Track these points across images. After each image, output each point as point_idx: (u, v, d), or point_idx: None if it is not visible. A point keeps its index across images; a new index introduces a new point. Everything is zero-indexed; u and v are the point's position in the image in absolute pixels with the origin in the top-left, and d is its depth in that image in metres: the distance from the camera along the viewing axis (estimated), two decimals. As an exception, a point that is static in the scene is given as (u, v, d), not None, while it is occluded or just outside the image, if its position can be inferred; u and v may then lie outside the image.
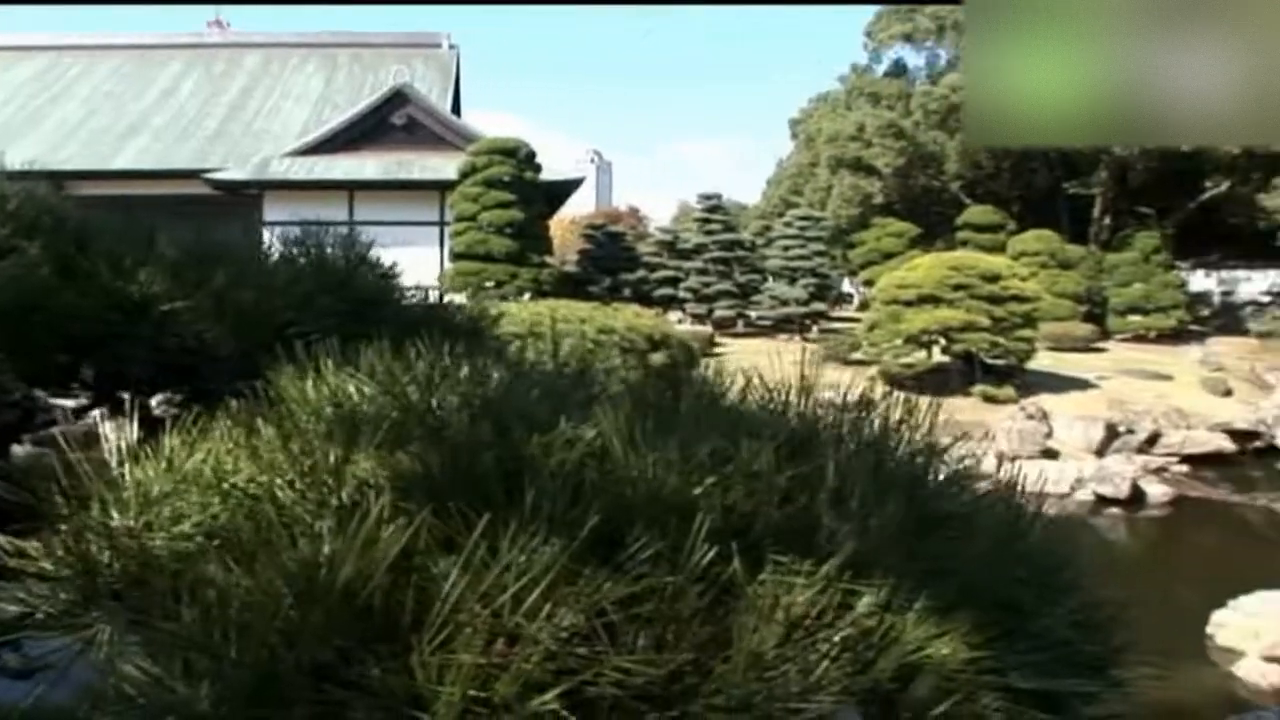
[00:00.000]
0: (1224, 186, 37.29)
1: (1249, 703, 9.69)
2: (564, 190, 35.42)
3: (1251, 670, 11.09)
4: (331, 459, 1.61)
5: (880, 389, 2.13)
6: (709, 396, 1.92)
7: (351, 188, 33.59)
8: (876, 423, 1.88)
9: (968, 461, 2.08)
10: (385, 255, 3.52)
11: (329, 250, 3.29)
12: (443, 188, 32.76)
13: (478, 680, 1.30)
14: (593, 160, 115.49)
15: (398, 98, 35.34)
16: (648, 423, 1.66)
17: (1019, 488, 2.04)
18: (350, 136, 34.75)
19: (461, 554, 1.38)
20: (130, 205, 4.34)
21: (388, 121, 35.06)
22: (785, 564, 1.44)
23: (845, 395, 1.93)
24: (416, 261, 28.92)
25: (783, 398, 1.93)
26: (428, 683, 1.30)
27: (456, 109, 39.78)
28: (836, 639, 1.41)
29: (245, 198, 32.63)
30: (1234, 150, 33.39)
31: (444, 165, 32.47)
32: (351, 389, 1.85)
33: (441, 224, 33.54)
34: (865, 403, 1.91)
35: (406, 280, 3.69)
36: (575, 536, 1.39)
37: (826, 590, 1.44)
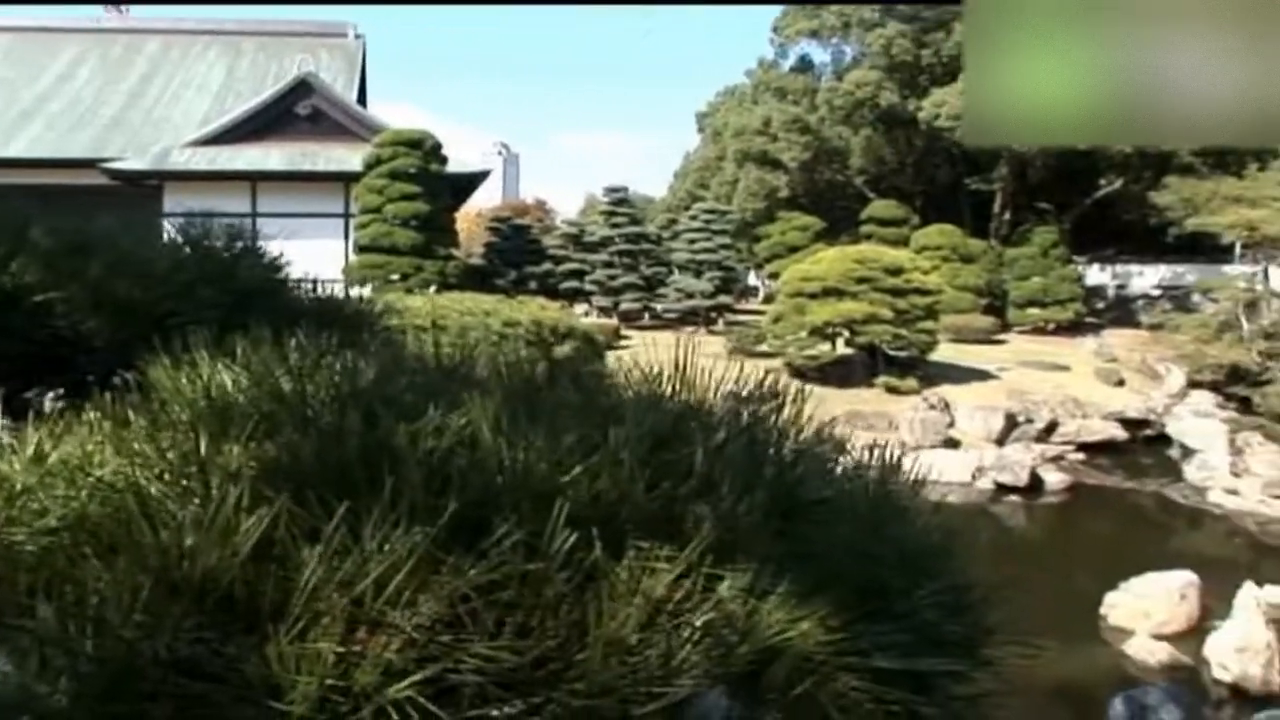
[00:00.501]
0: (1117, 184, 38.19)
1: (1138, 680, 9.96)
2: (470, 183, 35.18)
3: (1141, 649, 11.42)
4: (202, 450, 1.59)
5: (785, 380, 2.15)
6: (585, 386, 1.91)
7: (255, 179, 32.93)
8: (751, 412, 1.90)
9: (869, 451, 2.10)
10: (289, 247, 3.48)
11: (215, 241, 3.25)
12: (348, 179, 32.29)
13: (338, 669, 1.30)
14: (499, 153, 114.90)
15: (302, 87, 34.70)
16: (520, 411, 1.66)
17: (898, 475, 2.05)
18: (254, 126, 34.06)
19: (321, 542, 1.37)
20: (24, 194, 4.21)
21: (292, 112, 34.44)
22: (647, 550, 1.45)
23: (721, 385, 1.94)
24: (321, 254, 28.55)
25: (662, 388, 1.94)
26: (285, 672, 1.29)
27: (362, 100, 39.24)
28: (699, 623, 1.42)
29: (145, 188, 31.82)
30: (1126, 149, 34.21)
31: (349, 157, 32.00)
32: (226, 380, 1.84)
33: (347, 216, 33.03)
34: (744, 393, 1.93)
35: (311, 273, 3.65)
36: (438, 524, 1.39)
37: (689, 575, 1.45)
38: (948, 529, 2.06)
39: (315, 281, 3.52)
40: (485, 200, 67.29)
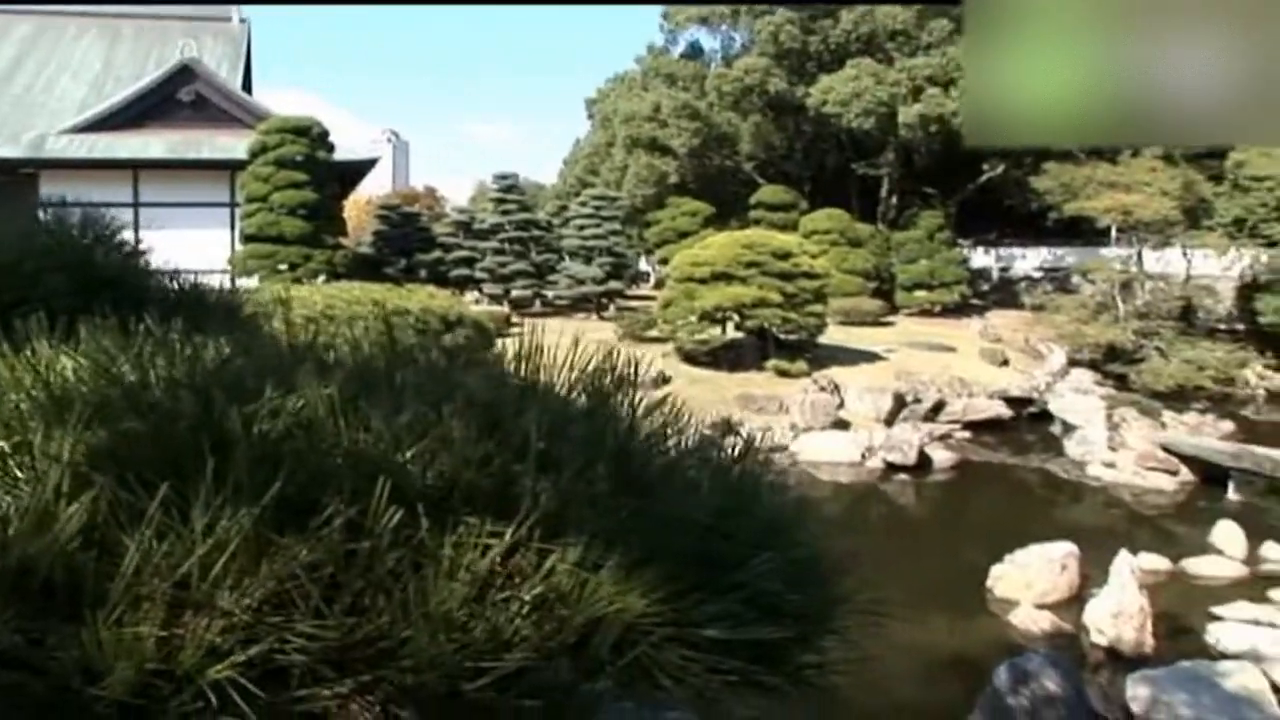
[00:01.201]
0: (1000, 170, 39.00)
1: (1023, 647, 10.17)
2: (358, 170, 34.58)
3: (1025, 618, 11.68)
4: (35, 439, 1.56)
5: (676, 365, 2.13)
6: (430, 368, 1.92)
7: (136, 167, 31.94)
8: (598, 390, 1.92)
9: (723, 428, 2.10)
10: (174, 237, 3.36)
11: (72, 229, 3.19)
12: (233, 167, 31.42)
13: (160, 652, 1.28)
14: (389, 140, 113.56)
15: (185, 73, 33.67)
16: (359, 392, 1.67)
17: (755, 451, 2.07)
18: (134, 113, 32.98)
19: (144, 525, 1.35)
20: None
21: (175, 98, 33.41)
22: (478, 526, 1.46)
23: (570, 366, 1.94)
24: (206, 244, 27.93)
25: (510, 369, 1.96)
26: (104, 658, 1.26)
27: (248, 86, 38.28)
28: (528, 597, 1.44)
29: (19, 176, 30.67)
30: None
31: (234, 144, 31.15)
32: (67, 367, 1.81)
33: (232, 205, 32.18)
34: (592, 372, 1.94)
35: (196, 263, 3.56)
36: (268, 505, 1.39)
37: (520, 551, 1.47)
38: (800, 502, 2.12)
39: (178, 270, 3.40)
40: (375, 188, 66.51)
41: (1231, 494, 18.27)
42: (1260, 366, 31.49)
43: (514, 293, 33.93)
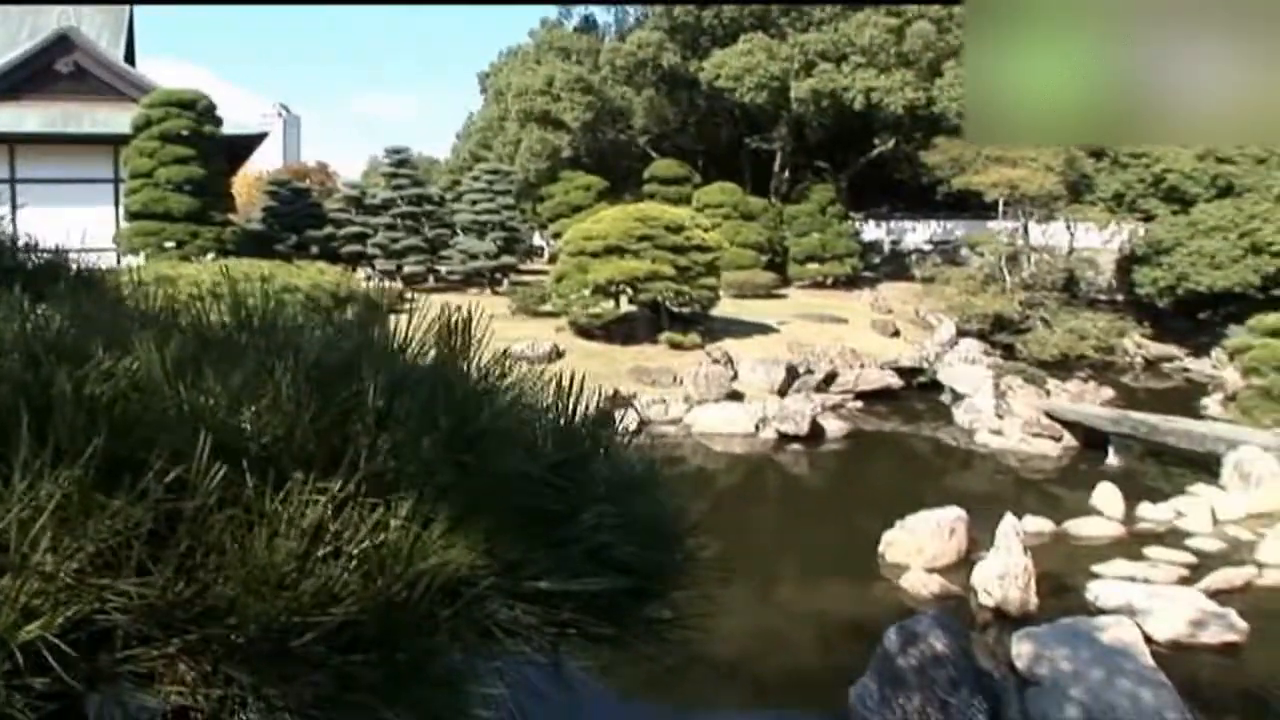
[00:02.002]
0: (891, 144, 39.54)
1: (913, 610, 10.34)
2: (247, 145, 33.81)
3: (915, 581, 11.90)
4: None
5: (570, 339, 2.13)
6: (274, 330, 1.89)
7: (12, 141, 30.91)
8: (442, 350, 1.93)
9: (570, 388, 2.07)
10: (54, 214, 3.22)
11: None
12: (116, 142, 30.56)
13: None
14: (280, 115, 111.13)
15: (63, 43, 32.48)
16: (199, 355, 1.65)
17: (611, 414, 2.09)
18: (9, 85, 31.73)
19: None
20: None
21: (52, 69, 32.27)
22: (307, 483, 1.46)
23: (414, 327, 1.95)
24: (90, 221, 27.01)
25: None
26: None
27: (130, 58, 37.07)
28: (355, 552, 1.44)
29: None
30: (898, 110, 35.44)
31: (117, 118, 30.23)
32: None
33: (116, 181, 31.28)
34: (438, 331, 1.93)
35: (78, 241, 3.44)
36: (99, 467, 1.37)
37: (349, 506, 1.47)
38: (650, 461, 2.10)
39: (34, 244, 3.28)
40: (266, 164, 65.17)
41: (1111, 458, 18.85)
42: (1138, 336, 32.56)
43: (406, 269, 33.51)
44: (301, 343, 1.74)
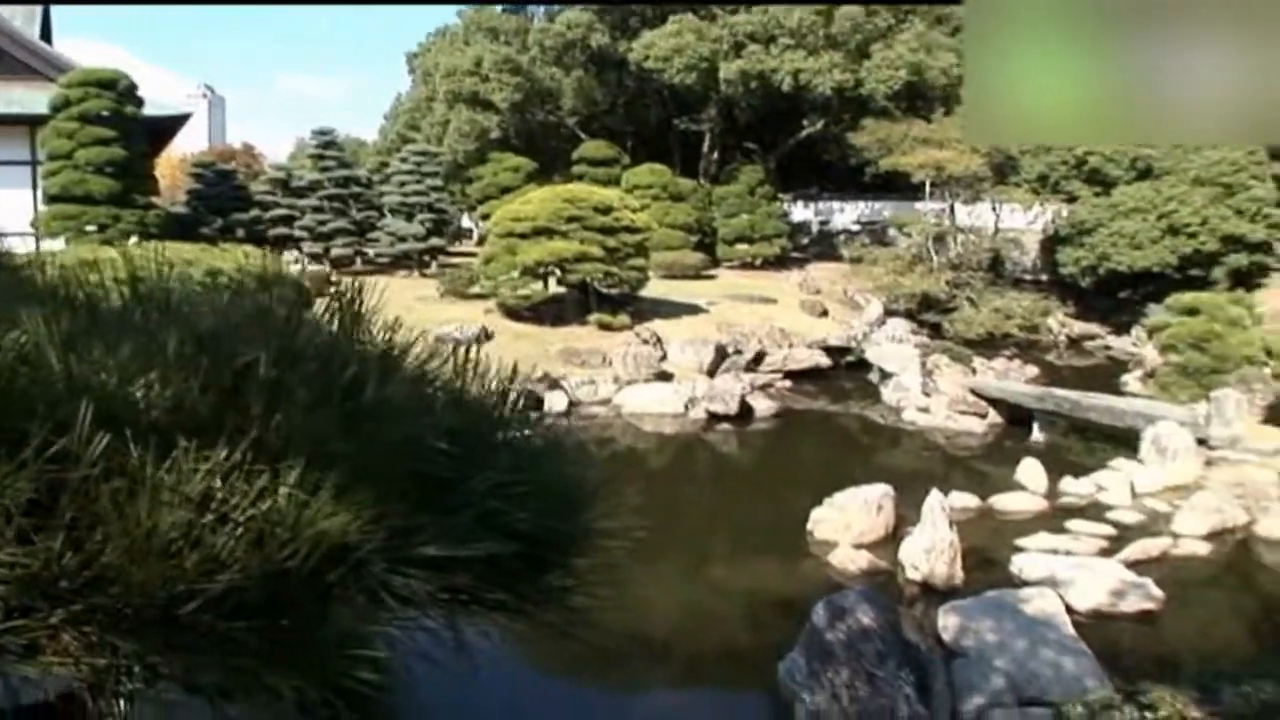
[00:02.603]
0: (819, 125, 39.69)
1: (842, 585, 10.44)
2: (171, 126, 33.02)
3: (844, 558, 12.03)
4: None
5: (499, 321, 2.11)
6: (168, 304, 1.88)
7: (-80, 122, 29.98)
8: (337, 322, 1.93)
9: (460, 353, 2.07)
10: None
11: None
12: (33, 123, 29.71)
13: None
14: (205, 96, 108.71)
15: (-27, 21, 31.63)
16: (90, 329, 1.65)
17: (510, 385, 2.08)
18: (-85, 63, 30.85)
19: None
20: None
21: (-39, 47, 31.38)
22: (193, 452, 1.46)
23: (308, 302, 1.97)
24: (6, 205, 26.36)
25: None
26: None
27: (46, 36, 36.13)
28: (242, 519, 1.44)
29: None
30: (826, 92, 35.59)
31: (32, 98, 29.39)
32: None
33: (34, 163, 30.46)
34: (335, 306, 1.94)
35: None
36: None
37: (235, 475, 1.47)
38: (554, 432, 2.14)
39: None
40: (190, 146, 63.92)
41: (1036, 434, 19.17)
42: (1062, 315, 33.13)
43: (334, 251, 33.11)
44: (194, 315, 1.73)
